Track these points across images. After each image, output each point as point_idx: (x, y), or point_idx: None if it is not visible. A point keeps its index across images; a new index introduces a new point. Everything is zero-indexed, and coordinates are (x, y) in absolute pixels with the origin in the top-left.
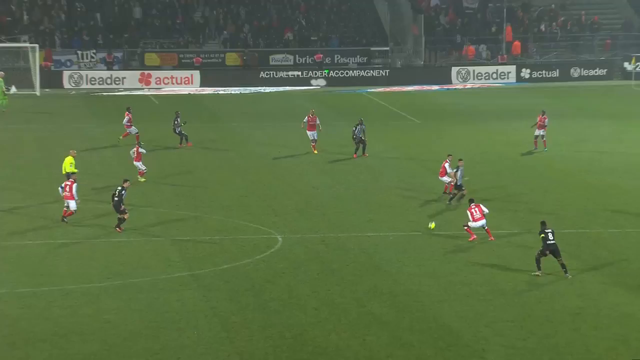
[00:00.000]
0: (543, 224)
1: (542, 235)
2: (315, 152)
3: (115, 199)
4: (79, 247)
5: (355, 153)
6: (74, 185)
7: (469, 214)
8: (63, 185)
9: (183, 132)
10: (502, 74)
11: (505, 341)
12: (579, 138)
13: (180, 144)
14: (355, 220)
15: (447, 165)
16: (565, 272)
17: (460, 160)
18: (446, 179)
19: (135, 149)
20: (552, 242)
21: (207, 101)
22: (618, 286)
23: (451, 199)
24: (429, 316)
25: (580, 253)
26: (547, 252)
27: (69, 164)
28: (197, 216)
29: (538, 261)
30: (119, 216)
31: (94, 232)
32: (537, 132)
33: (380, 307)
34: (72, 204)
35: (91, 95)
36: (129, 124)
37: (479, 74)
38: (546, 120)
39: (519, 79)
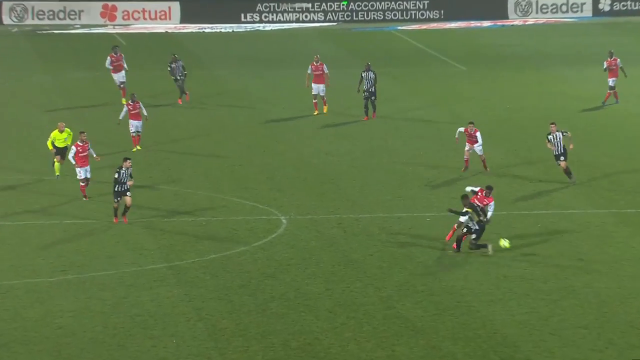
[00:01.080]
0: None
1: None
2: (317, 112)
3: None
4: (24, 232)
5: (367, 114)
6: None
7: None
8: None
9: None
10: (574, 5)
11: (578, 353)
12: None
13: (180, 98)
14: (380, 196)
15: (478, 134)
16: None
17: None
18: (477, 148)
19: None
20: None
21: (189, 42)
22: None
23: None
24: (477, 321)
25: None
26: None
27: (62, 140)
28: (176, 191)
29: None
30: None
31: (44, 213)
32: (611, 81)
33: (413, 309)
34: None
35: (38, 34)
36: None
37: (544, 6)
38: (618, 63)
39: (596, 12)
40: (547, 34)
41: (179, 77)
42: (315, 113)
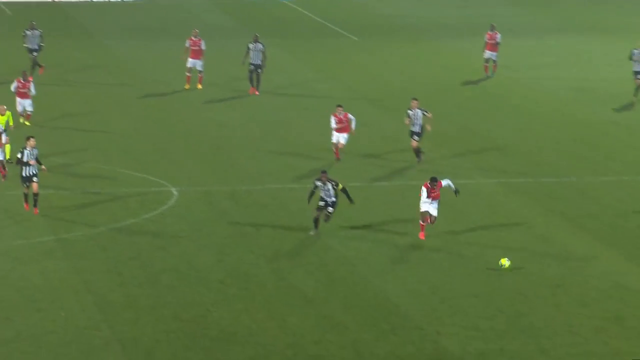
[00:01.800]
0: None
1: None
2: (187, 86)
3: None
4: None
5: (252, 86)
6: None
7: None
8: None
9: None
10: None
11: (467, 321)
12: (558, 58)
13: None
14: (272, 168)
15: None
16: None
17: (414, 99)
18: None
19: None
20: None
21: (77, 12)
22: (610, 249)
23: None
24: (369, 290)
25: (565, 207)
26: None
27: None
28: (65, 164)
29: None
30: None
31: None
32: (487, 54)
33: (305, 280)
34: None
35: None
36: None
37: None
38: (498, 37)
39: None
40: (442, 4)
41: (33, 47)
42: (186, 87)
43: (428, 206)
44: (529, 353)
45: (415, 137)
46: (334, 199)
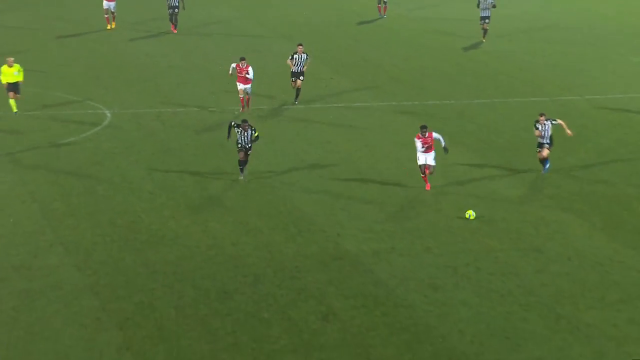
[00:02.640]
0: None
1: None
2: (109, 27)
3: None
4: None
5: (172, 23)
6: None
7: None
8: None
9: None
10: None
11: (363, 225)
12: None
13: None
14: (196, 92)
15: (250, 70)
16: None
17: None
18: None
19: None
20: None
21: None
22: (485, 161)
23: None
24: (279, 199)
25: (445, 126)
26: None
27: (11, 74)
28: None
29: None
30: None
31: None
32: None
33: (224, 190)
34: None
35: None
36: None
37: None
38: None
39: None
40: None
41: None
42: (108, 28)
43: (424, 158)
44: (416, 250)
45: (296, 78)
46: (250, 145)
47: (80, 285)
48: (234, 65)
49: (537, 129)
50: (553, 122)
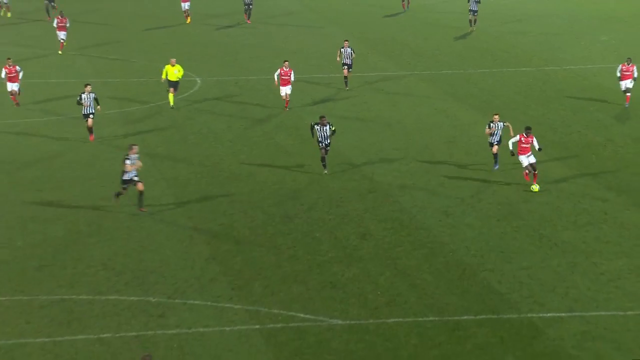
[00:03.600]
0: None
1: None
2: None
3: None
4: None
5: (246, 15)
6: None
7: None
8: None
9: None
10: None
11: (391, 166)
12: None
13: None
14: (265, 64)
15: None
16: None
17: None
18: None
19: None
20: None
21: None
22: (484, 117)
23: None
24: (333, 149)
25: (455, 90)
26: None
27: (172, 72)
28: (124, 59)
29: None
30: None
31: None
32: None
33: (285, 139)
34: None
35: None
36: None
37: None
38: None
39: None
40: None
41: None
42: (187, 22)
43: (527, 160)
44: (432, 186)
45: (346, 67)
46: (329, 140)
47: (178, 210)
48: (278, 72)
49: (489, 127)
50: (504, 123)
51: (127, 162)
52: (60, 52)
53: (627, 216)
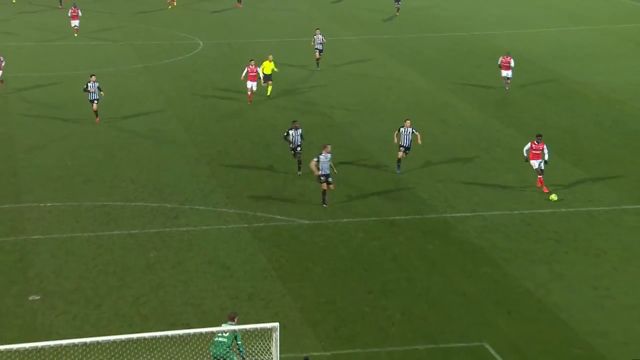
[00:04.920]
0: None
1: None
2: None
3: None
4: None
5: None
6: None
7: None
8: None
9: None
10: None
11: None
12: None
13: None
14: (250, 29)
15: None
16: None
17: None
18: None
19: None
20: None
21: None
22: (413, 70)
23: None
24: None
25: (391, 50)
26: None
27: (269, 67)
28: (147, 28)
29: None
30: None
31: None
32: None
33: (264, 88)
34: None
35: None
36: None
37: None
38: None
39: None
40: None
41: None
42: (170, 8)
43: (537, 163)
44: (373, 122)
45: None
46: (300, 143)
47: (187, 140)
48: (246, 69)
49: (398, 131)
50: (414, 131)
51: (315, 160)
52: (75, 35)
53: (516, 142)
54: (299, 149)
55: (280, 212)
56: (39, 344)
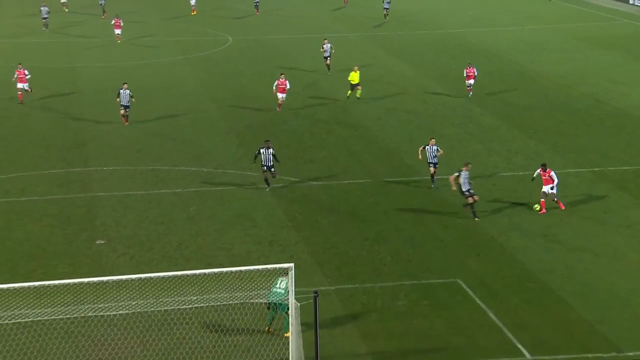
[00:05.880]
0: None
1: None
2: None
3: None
4: None
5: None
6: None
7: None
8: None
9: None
10: None
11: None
12: None
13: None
14: (270, 28)
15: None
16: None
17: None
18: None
19: None
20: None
21: None
22: (401, 61)
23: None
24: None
25: (384, 45)
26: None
27: (356, 76)
28: (186, 27)
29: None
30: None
31: None
32: None
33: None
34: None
35: None
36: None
37: None
38: None
39: None
40: None
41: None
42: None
43: (547, 188)
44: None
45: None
46: (271, 163)
47: (219, 116)
48: (276, 81)
49: (423, 149)
50: (439, 149)
51: (456, 174)
52: (118, 42)
53: (483, 119)
54: (273, 169)
55: (294, 176)
56: (104, 279)
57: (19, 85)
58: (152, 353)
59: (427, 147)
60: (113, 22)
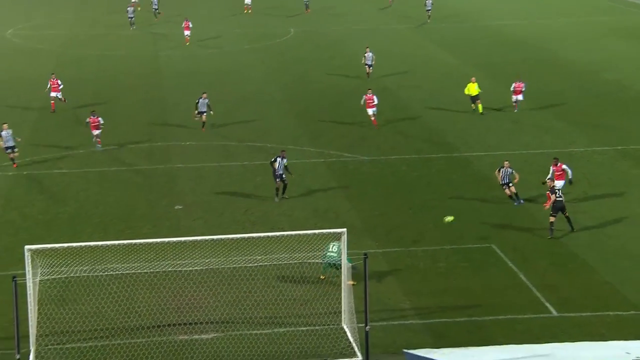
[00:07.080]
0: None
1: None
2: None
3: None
4: None
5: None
6: None
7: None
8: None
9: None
10: None
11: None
12: None
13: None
14: (323, 21)
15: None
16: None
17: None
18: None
19: None
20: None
21: None
22: (442, 51)
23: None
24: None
25: (431, 36)
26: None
27: (474, 88)
28: (248, 21)
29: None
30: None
31: None
32: None
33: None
34: None
35: None
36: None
37: None
38: None
39: None
40: None
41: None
42: (245, 12)
43: (559, 184)
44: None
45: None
46: (281, 171)
47: (282, 99)
48: (364, 97)
49: (499, 171)
50: (513, 171)
51: (499, 170)
52: (187, 44)
53: (521, 105)
54: (284, 176)
55: (347, 151)
56: (182, 239)
57: (52, 95)
58: (222, 304)
59: (501, 169)
60: (183, 24)
